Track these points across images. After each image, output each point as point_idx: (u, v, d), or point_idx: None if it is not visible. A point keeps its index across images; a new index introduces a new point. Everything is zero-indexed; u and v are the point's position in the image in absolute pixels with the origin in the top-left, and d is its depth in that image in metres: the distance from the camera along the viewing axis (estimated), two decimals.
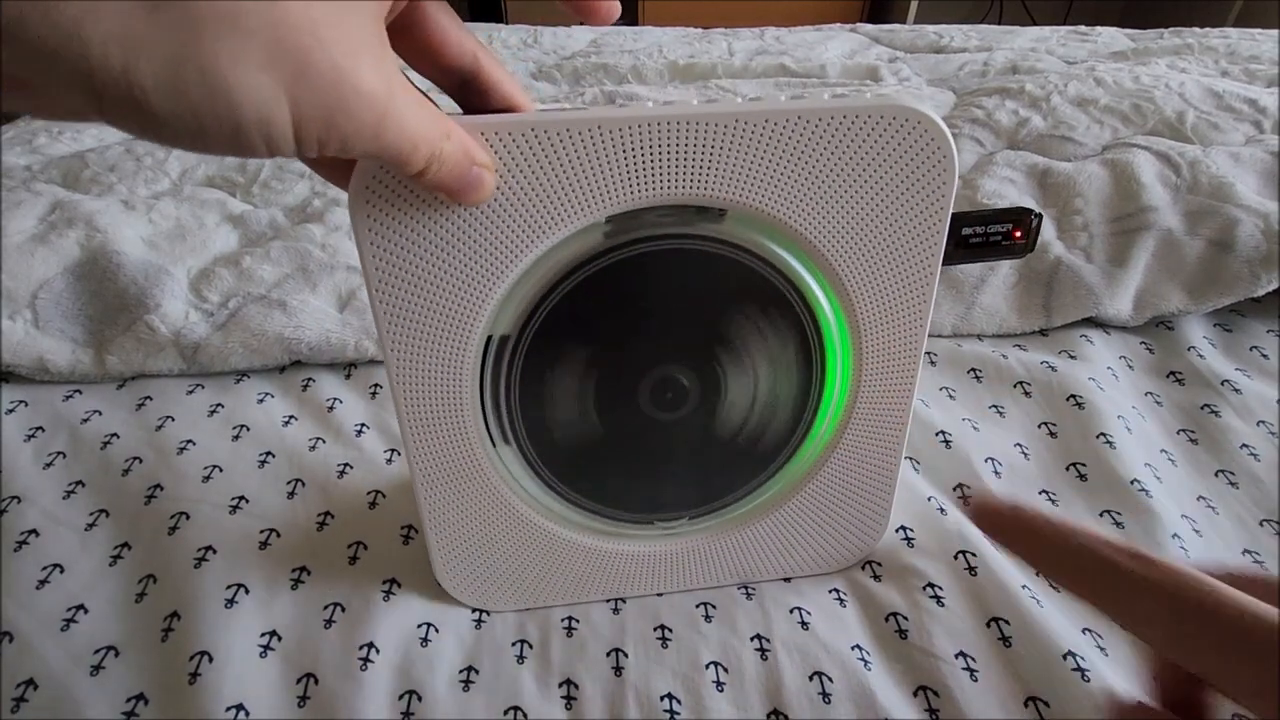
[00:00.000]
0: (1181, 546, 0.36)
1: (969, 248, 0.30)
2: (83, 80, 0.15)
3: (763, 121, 0.25)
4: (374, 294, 0.26)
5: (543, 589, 0.35)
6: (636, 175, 0.25)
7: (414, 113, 0.19)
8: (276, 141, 0.17)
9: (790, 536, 0.35)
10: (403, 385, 0.28)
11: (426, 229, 0.25)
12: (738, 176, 0.26)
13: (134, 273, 0.51)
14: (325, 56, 0.16)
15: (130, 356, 0.48)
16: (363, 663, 0.32)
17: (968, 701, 0.31)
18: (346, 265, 0.54)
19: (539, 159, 0.24)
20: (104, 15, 0.14)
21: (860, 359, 0.31)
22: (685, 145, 0.25)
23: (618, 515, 0.34)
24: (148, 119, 0.15)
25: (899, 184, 0.27)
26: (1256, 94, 0.69)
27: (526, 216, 0.25)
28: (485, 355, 0.28)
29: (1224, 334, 0.53)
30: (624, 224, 0.27)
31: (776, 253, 0.28)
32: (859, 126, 0.25)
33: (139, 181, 0.66)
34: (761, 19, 1.50)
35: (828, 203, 0.27)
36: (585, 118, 0.24)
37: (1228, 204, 0.54)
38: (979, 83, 0.89)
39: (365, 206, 0.24)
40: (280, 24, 0.16)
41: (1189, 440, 0.45)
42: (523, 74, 1.04)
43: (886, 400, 0.32)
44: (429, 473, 0.30)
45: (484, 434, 0.30)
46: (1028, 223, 0.31)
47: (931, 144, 0.26)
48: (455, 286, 0.26)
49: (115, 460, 0.42)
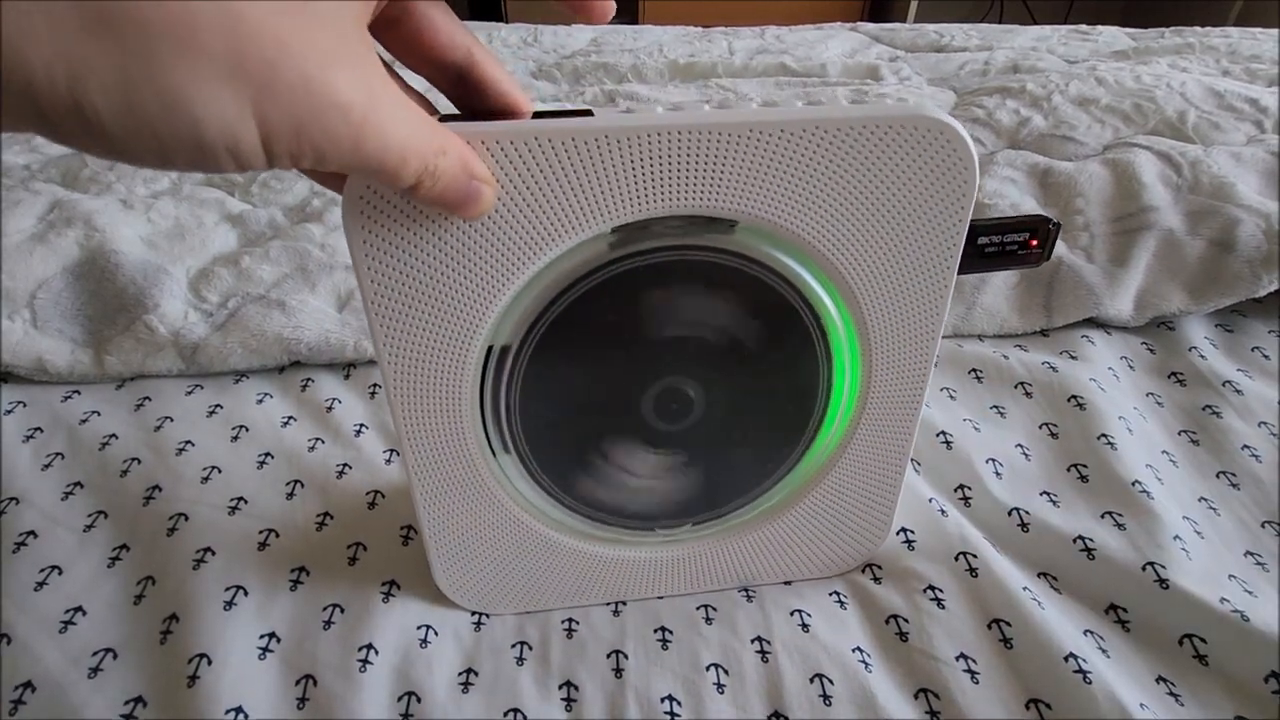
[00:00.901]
0: (1183, 548, 0.36)
1: (984, 257, 0.29)
2: (29, 106, 0.14)
3: (778, 131, 0.24)
4: (370, 306, 0.25)
5: (543, 593, 0.34)
6: (644, 185, 0.24)
7: (402, 124, 0.18)
8: (245, 157, 0.16)
9: (792, 542, 0.35)
10: (400, 395, 0.27)
11: (424, 241, 0.24)
12: (750, 187, 0.25)
13: (133, 272, 0.51)
14: (293, 67, 0.16)
15: (129, 357, 0.48)
16: (362, 664, 0.31)
17: (969, 703, 0.31)
18: (346, 265, 0.54)
19: (543, 169, 0.23)
20: (44, 39, 0.13)
21: (869, 371, 0.30)
22: (695, 155, 0.24)
23: (619, 523, 0.33)
24: (104, 141, 0.15)
25: (917, 195, 0.26)
26: (1258, 93, 0.69)
27: (529, 228, 0.24)
28: (485, 365, 0.28)
29: (1225, 334, 0.53)
30: (630, 235, 0.26)
31: (787, 265, 0.27)
32: (878, 136, 0.24)
33: (138, 181, 0.65)
34: (762, 18, 1.50)
35: (842, 214, 0.26)
36: (591, 127, 0.23)
37: (1229, 204, 0.54)
38: (980, 82, 0.89)
39: (359, 218, 0.23)
40: (242, 36, 0.15)
41: (1190, 441, 0.45)
42: (523, 73, 1.04)
43: (894, 411, 0.31)
44: (427, 480, 0.30)
45: (484, 443, 0.30)
46: (1045, 232, 0.30)
47: (954, 154, 0.25)
48: (454, 299, 0.25)
49: (114, 461, 0.42)
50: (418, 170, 0.19)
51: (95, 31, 0.14)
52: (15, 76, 0.14)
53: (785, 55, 1.08)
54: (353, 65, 0.17)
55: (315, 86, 0.16)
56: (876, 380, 0.30)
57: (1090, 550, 0.36)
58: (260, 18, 0.15)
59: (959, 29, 1.20)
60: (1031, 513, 0.39)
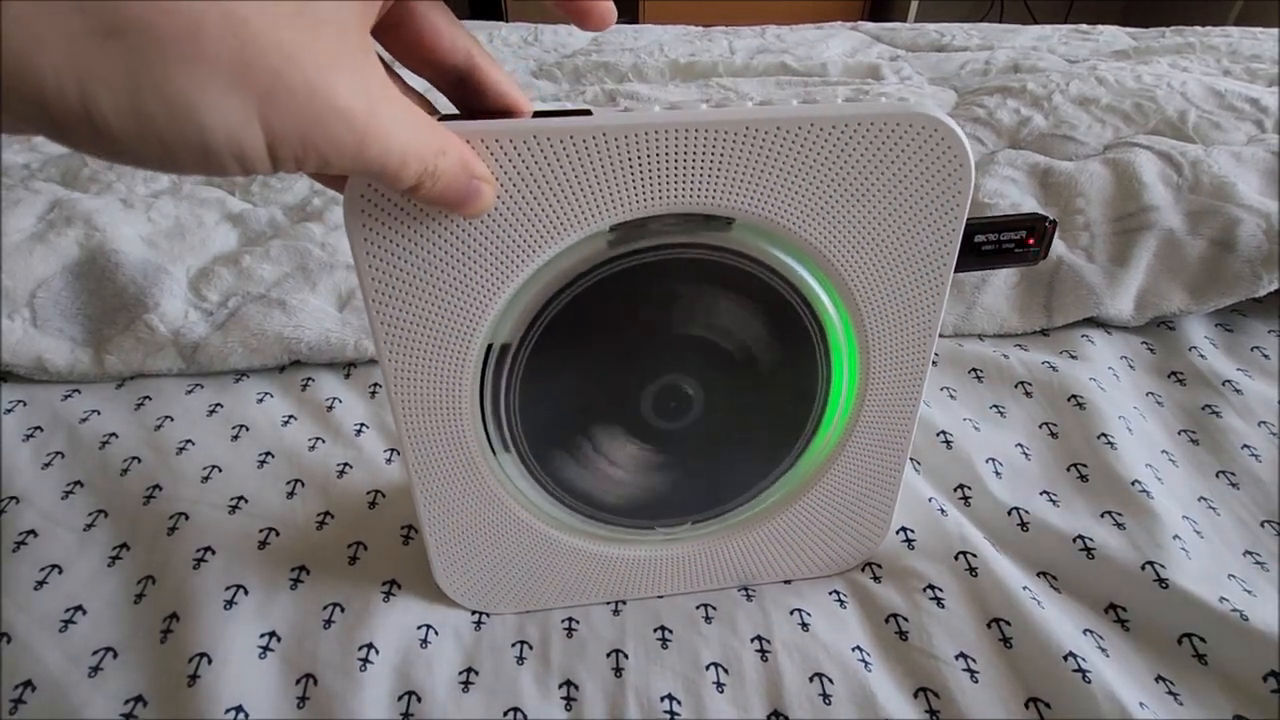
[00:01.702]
0: (1183, 548, 0.36)
1: (981, 255, 0.29)
2: (38, 112, 0.14)
3: (774, 129, 0.24)
4: (370, 304, 0.25)
5: (543, 592, 0.34)
6: (642, 184, 0.25)
7: (403, 127, 0.18)
8: (251, 162, 0.16)
9: (792, 541, 0.35)
10: (400, 394, 0.28)
11: (425, 239, 0.24)
12: (747, 185, 0.25)
13: (133, 272, 0.51)
14: (298, 74, 0.16)
15: (129, 356, 0.48)
16: (362, 664, 0.32)
17: (968, 703, 0.31)
18: (346, 264, 0.54)
19: (542, 167, 0.24)
20: (53, 47, 0.13)
21: (867, 369, 0.30)
22: (693, 153, 0.24)
23: (619, 522, 0.33)
24: (112, 147, 0.15)
25: (913, 193, 0.26)
26: (1258, 93, 0.69)
27: (529, 225, 0.25)
28: (485, 363, 0.28)
29: (1225, 334, 0.53)
30: (629, 233, 0.26)
31: (785, 262, 0.28)
32: (874, 134, 0.25)
33: (138, 180, 0.65)
34: (762, 17, 1.50)
35: (839, 212, 0.26)
36: (589, 125, 0.23)
37: (1229, 203, 0.54)
38: (980, 81, 0.89)
39: (361, 216, 0.23)
40: (246, 43, 0.15)
41: (1190, 441, 0.45)
42: (523, 72, 1.04)
43: (892, 409, 0.32)
44: (428, 479, 0.30)
45: (484, 441, 0.30)
46: (1042, 229, 0.30)
47: (949, 152, 0.25)
48: (455, 297, 0.26)
49: (114, 460, 0.42)
50: (418, 171, 0.19)
51: (103, 39, 0.14)
52: (25, 83, 0.14)
53: (786, 55, 1.08)
54: (354, 70, 0.17)
55: (319, 92, 0.16)
56: (874, 377, 0.30)
57: (1090, 550, 0.36)
58: (264, 24, 0.15)
59: (960, 28, 1.20)
60: (1031, 512, 0.39)
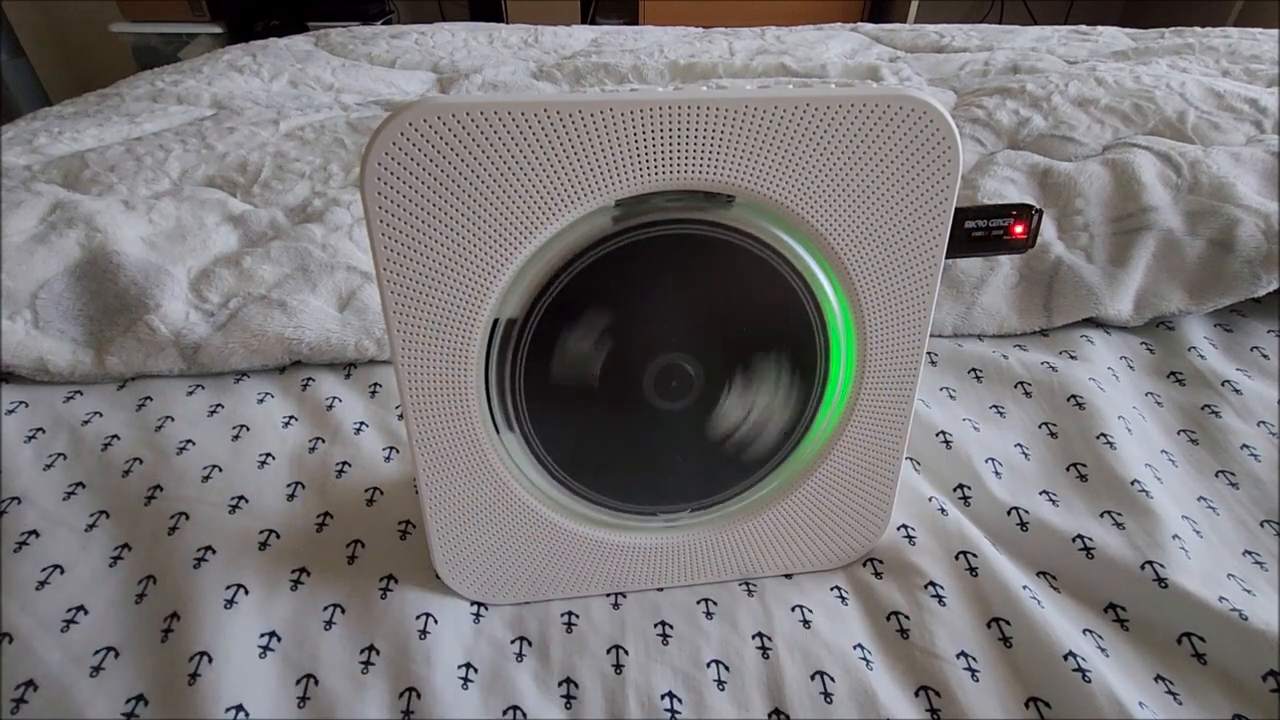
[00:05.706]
0: (1182, 547, 0.36)
1: (971, 241, 0.31)
2: None
3: (772, 108, 0.25)
4: (382, 273, 0.26)
5: (543, 582, 0.35)
6: (646, 159, 0.26)
7: None
8: None
9: (792, 531, 0.35)
10: (408, 367, 0.28)
11: (436, 208, 0.25)
12: (747, 163, 0.26)
13: (134, 273, 0.51)
14: None
15: (130, 357, 0.48)
16: (364, 666, 0.32)
17: (969, 702, 0.31)
18: (347, 265, 0.54)
19: (549, 140, 0.25)
20: None
21: (864, 349, 0.31)
22: (695, 130, 0.25)
23: (620, 506, 0.34)
24: None
25: (904, 173, 0.27)
26: (1257, 94, 0.69)
27: (536, 197, 0.26)
28: (491, 338, 0.29)
29: (1224, 334, 0.53)
30: (632, 208, 0.27)
31: (783, 240, 0.29)
32: (866, 115, 0.26)
33: (139, 181, 0.66)
34: (762, 18, 1.50)
35: (834, 191, 0.27)
36: (595, 100, 0.24)
37: (1228, 204, 0.54)
38: (980, 82, 0.89)
39: (377, 184, 0.24)
40: None
41: (1189, 441, 0.45)
42: (523, 73, 1.04)
43: (890, 392, 0.32)
44: (432, 458, 0.31)
45: (488, 419, 0.30)
46: (1029, 218, 0.31)
47: (937, 134, 0.27)
48: (464, 267, 0.27)
49: (115, 461, 0.42)
50: None
51: None
52: None
53: (785, 55, 1.08)
54: None
55: None
56: (872, 360, 0.31)
57: (1089, 549, 0.36)
58: None
59: (959, 29, 1.20)
60: (1031, 512, 0.39)
